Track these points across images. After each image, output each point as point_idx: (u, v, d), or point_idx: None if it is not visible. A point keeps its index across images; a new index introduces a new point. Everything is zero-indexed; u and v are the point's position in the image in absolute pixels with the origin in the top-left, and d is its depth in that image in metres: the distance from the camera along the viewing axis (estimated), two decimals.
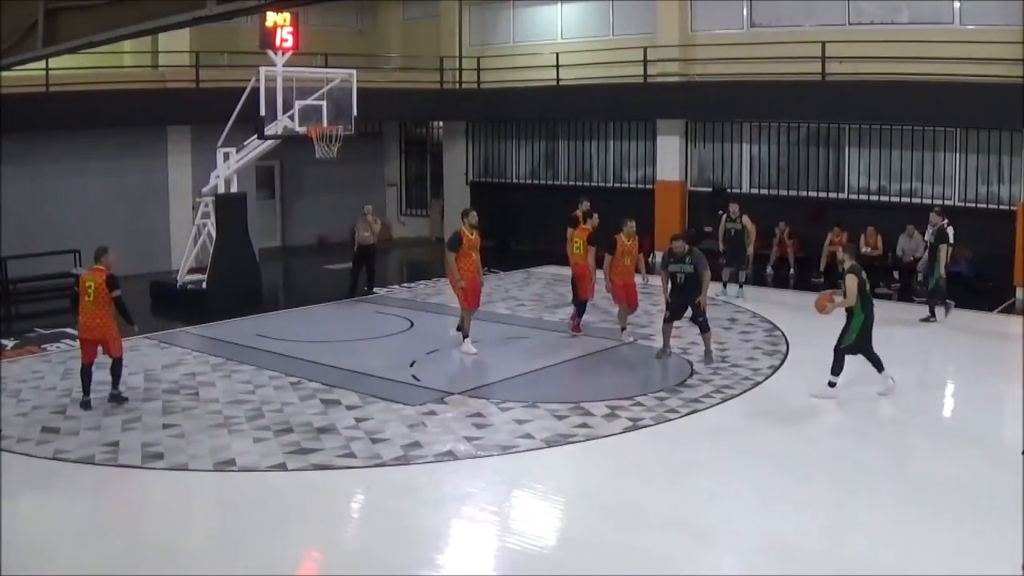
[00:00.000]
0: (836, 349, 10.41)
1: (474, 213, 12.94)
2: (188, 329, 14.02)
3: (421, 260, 22.73)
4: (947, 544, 6.99)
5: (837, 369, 10.39)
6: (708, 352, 12.12)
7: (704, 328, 12.09)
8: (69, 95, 17.11)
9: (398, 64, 24.14)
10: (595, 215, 14.41)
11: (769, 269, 18.56)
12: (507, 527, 7.58)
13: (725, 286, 16.29)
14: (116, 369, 10.52)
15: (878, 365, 10.43)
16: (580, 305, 13.65)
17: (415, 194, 26.05)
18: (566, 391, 11.24)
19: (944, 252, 14.02)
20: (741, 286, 16.34)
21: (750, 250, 16.19)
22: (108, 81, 17.99)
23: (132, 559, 6.87)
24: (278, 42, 15.40)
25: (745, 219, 16.01)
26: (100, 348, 10.46)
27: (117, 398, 10.52)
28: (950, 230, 14.48)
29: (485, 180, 23.86)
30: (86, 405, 10.32)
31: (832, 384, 10.39)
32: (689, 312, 12.08)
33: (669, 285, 11.99)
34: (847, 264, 10.37)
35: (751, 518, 7.10)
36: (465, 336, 12.57)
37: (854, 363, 10.43)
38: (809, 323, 11.46)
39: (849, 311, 10.28)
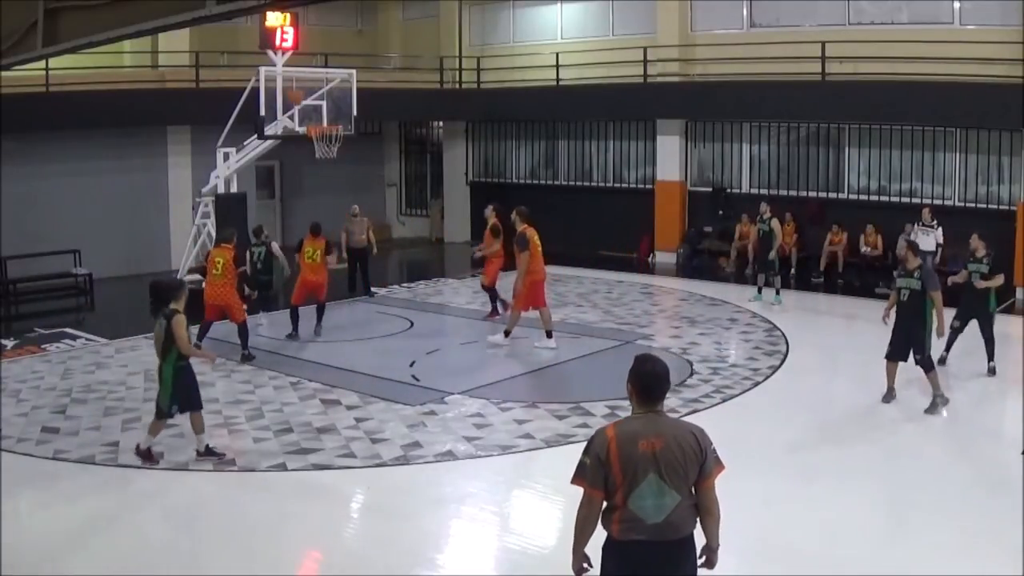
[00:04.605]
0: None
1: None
2: (188, 329, 13.97)
3: (421, 260, 22.72)
4: (947, 544, 6.98)
5: None
6: (935, 401, 9.90)
7: (927, 367, 9.90)
8: (69, 95, 17.10)
9: (398, 64, 24.14)
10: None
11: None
12: (507, 527, 7.58)
13: (760, 291, 15.78)
14: (242, 333, 12.08)
15: None
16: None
17: (415, 194, 26.06)
18: (566, 391, 11.23)
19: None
20: (778, 292, 15.57)
21: (772, 254, 15.32)
22: (108, 81, 17.98)
23: (132, 559, 6.86)
24: (278, 42, 15.42)
25: (774, 222, 15.40)
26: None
27: (247, 357, 12.00)
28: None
29: (485, 180, 23.85)
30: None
31: None
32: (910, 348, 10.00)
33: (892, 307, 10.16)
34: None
35: (751, 518, 7.09)
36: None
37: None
38: (809, 323, 11.45)
39: None
